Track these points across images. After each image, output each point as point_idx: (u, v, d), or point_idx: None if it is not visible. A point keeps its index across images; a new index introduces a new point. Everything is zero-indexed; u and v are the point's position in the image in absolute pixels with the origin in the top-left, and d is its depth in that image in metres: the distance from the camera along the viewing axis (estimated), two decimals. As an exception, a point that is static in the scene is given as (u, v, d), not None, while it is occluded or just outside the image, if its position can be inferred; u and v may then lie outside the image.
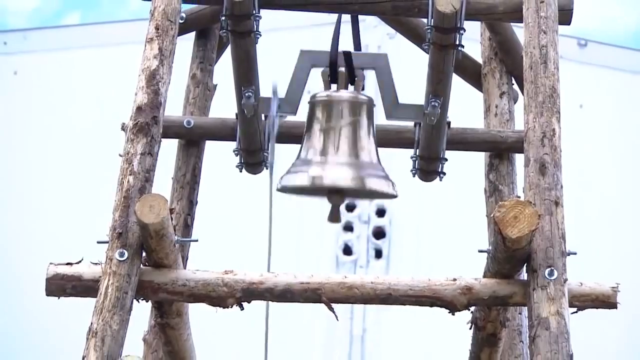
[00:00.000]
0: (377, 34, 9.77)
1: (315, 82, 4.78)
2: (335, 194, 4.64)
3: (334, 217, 4.71)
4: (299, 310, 4.37)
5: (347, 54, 4.70)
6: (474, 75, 5.60)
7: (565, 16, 4.41)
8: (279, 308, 4.21)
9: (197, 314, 4.46)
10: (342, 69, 4.71)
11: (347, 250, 9.92)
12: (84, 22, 11.53)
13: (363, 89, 4.79)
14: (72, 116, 10.08)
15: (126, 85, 4.31)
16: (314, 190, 4.69)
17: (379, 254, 9.93)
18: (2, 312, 9.53)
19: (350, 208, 9.71)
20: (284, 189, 4.67)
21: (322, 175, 4.59)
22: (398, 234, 9.98)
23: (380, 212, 9.94)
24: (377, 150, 4.74)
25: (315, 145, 4.66)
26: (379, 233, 9.99)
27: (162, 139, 4.18)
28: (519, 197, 4.08)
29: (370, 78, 4.81)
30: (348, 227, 9.91)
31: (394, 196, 4.75)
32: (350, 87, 4.72)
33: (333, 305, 4.01)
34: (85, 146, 9.54)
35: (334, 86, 4.72)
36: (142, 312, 4.28)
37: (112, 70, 8.95)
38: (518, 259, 3.86)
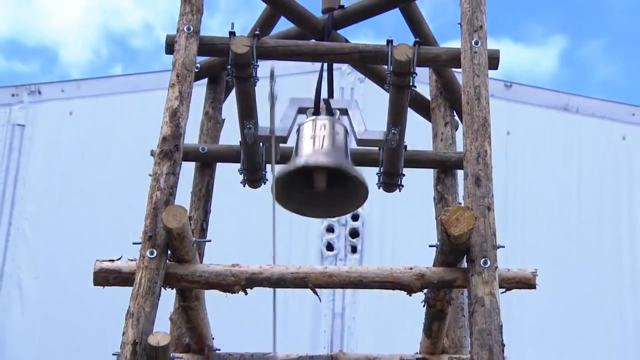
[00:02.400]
0: (350, 78, 9.76)
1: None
2: (319, 173, 4.59)
3: (319, 186, 4.65)
4: (292, 293, 4.35)
5: (326, 100, 4.71)
6: (424, 109, 5.59)
7: (493, 63, 4.41)
8: (279, 293, 4.20)
9: (212, 298, 4.44)
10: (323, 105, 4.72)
11: (330, 247, 9.89)
12: (125, 73, 11.47)
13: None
14: (115, 146, 10.05)
15: (155, 121, 4.29)
16: (305, 170, 4.57)
17: (354, 249, 9.90)
18: (62, 299, 9.50)
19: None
20: (280, 178, 4.60)
21: (309, 160, 4.54)
22: (369, 233, 9.96)
23: (355, 217, 9.92)
24: (350, 159, 4.74)
25: (305, 146, 4.62)
26: (354, 233, 9.96)
27: (183, 162, 4.19)
28: (460, 203, 4.06)
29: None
30: (330, 229, 9.89)
31: (366, 190, 4.66)
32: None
33: (317, 289, 3.99)
34: (125, 169, 9.54)
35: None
36: (168, 297, 4.29)
37: (146, 110, 8.92)
38: (460, 252, 3.87)
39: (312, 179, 4.61)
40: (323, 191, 4.64)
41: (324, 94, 4.84)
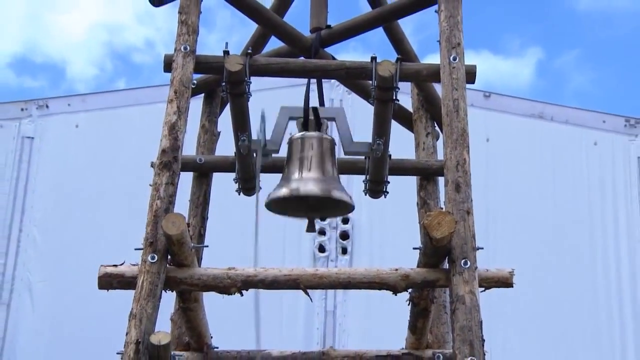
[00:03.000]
0: (338, 91, 9.79)
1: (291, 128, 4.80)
2: (311, 213, 4.63)
3: (310, 229, 4.72)
4: (286, 294, 4.35)
5: (314, 109, 4.70)
6: (407, 120, 5.59)
7: (470, 77, 4.40)
8: (274, 294, 4.19)
9: (210, 299, 4.44)
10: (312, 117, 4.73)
11: (322, 249, 9.89)
12: (127, 87, 11.46)
13: (327, 133, 4.78)
14: (118, 157, 10.05)
15: (156, 132, 4.29)
16: (294, 199, 4.57)
17: (344, 251, 9.90)
18: (69, 301, 9.49)
19: (323, 218, 9.71)
20: (271, 203, 4.59)
21: (299, 188, 4.52)
22: (358, 236, 9.96)
23: (345, 221, 9.92)
24: (338, 175, 4.74)
25: (294, 169, 4.60)
26: (345, 236, 9.96)
27: (181, 172, 4.18)
28: (442, 208, 4.07)
29: (332, 125, 4.80)
30: (322, 232, 9.89)
31: (352, 207, 4.68)
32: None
33: (309, 290, 3.98)
34: (127, 178, 9.54)
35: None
36: (169, 299, 4.28)
37: (147, 122, 8.92)
38: (441, 253, 3.87)
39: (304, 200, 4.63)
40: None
41: (315, 105, 4.85)
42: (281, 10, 5.46)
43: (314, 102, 4.80)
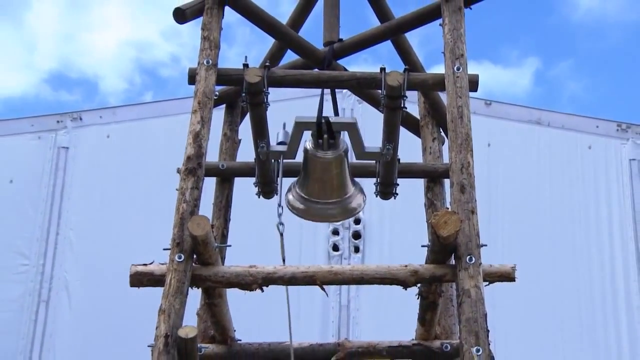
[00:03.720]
0: (350, 100, 9.74)
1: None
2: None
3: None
4: (303, 289, 4.34)
5: (327, 120, 4.66)
6: (414, 126, 5.58)
7: (473, 86, 4.39)
8: (292, 289, 4.18)
9: (233, 295, 4.43)
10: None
11: (336, 248, 9.86)
12: (155, 100, 11.48)
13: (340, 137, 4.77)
14: (146, 164, 10.05)
15: (181, 142, 4.29)
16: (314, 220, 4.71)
17: (357, 249, 9.87)
18: (103, 298, 9.50)
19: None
20: (291, 210, 4.66)
21: (319, 215, 4.65)
22: (369, 235, 9.93)
23: (357, 221, 9.89)
24: (350, 180, 4.73)
25: (312, 188, 4.64)
26: (357, 235, 9.93)
27: (205, 177, 4.18)
28: (448, 208, 4.05)
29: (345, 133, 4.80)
30: (335, 232, 9.86)
31: (363, 203, 4.75)
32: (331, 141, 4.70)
33: (325, 286, 3.98)
34: (155, 184, 9.54)
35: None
36: (195, 296, 4.28)
37: (172, 132, 8.93)
38: (448, 250, 3.86)
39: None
40: None
41: (330, 114, 4.82)
42: (296, 26, 5.46)
43: (328, 111, 4.78)
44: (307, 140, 4.73)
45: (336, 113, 4.93)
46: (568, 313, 9.44)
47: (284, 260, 4.16)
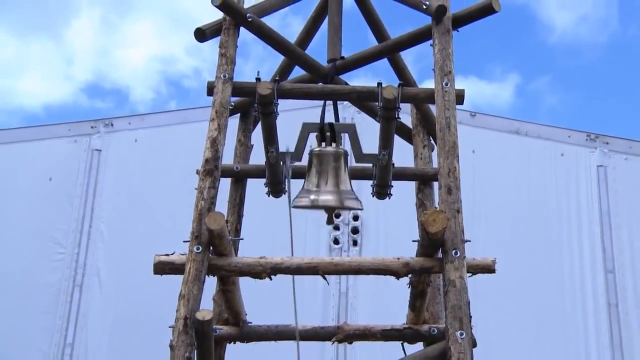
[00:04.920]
0: (350, 111, 9.73)
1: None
2: (329, 210, 4.63)
3: (330, 222, 4.68)
4: (307, 278, 4.33)
5: (330, 124, 4.67)
6: (407, 135, 5.54)
7: (460, 99, 4.38)
8: (297, 278, 4.16)
9: (245, 282, 4.42)
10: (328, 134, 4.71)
11: (336, 241, 9.85)
12: (178, 108, 11.47)
13: (341, 144, 4.76)
14: (169, 166, 10.06)
15: (200, 146, 4.29)
16: (314, 208, 4.60)
17: (355, 243, 9.86)
18: (130, 284, 9.51)
19: (337, 216, 9.67)
20: (295, 207, 4.60)
21: (318, 199, 4.53)
22: (366, 231, 9.92)
23: (355, 218, 9.88)
24: (350, 181, 4.71)
25: (313, 180, 4.60)
26: (355, 230, 9.92)
27: (221, 178, 4.17)
28: (436, 208, 4.04)
29: (345, 138, 4.78)
30: (336, 227, 9.85)
31: (361, 209, 4.72)
32: (334, 144, 4.69)
33: (326, 275, 3.99)
34: (176, 183, 9.51)
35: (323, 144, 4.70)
36: (211, 283, 4.27)
37: (193, 137, 8.92)
38: (436, 245, 3.86)
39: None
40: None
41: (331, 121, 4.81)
42: (303, 44, 5.44)
43: (330, 120, 4.76)
44: (311, 145, 4.72)
45: (337, 121, 4.91)
46: (542, 301, 9.44)
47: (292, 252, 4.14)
